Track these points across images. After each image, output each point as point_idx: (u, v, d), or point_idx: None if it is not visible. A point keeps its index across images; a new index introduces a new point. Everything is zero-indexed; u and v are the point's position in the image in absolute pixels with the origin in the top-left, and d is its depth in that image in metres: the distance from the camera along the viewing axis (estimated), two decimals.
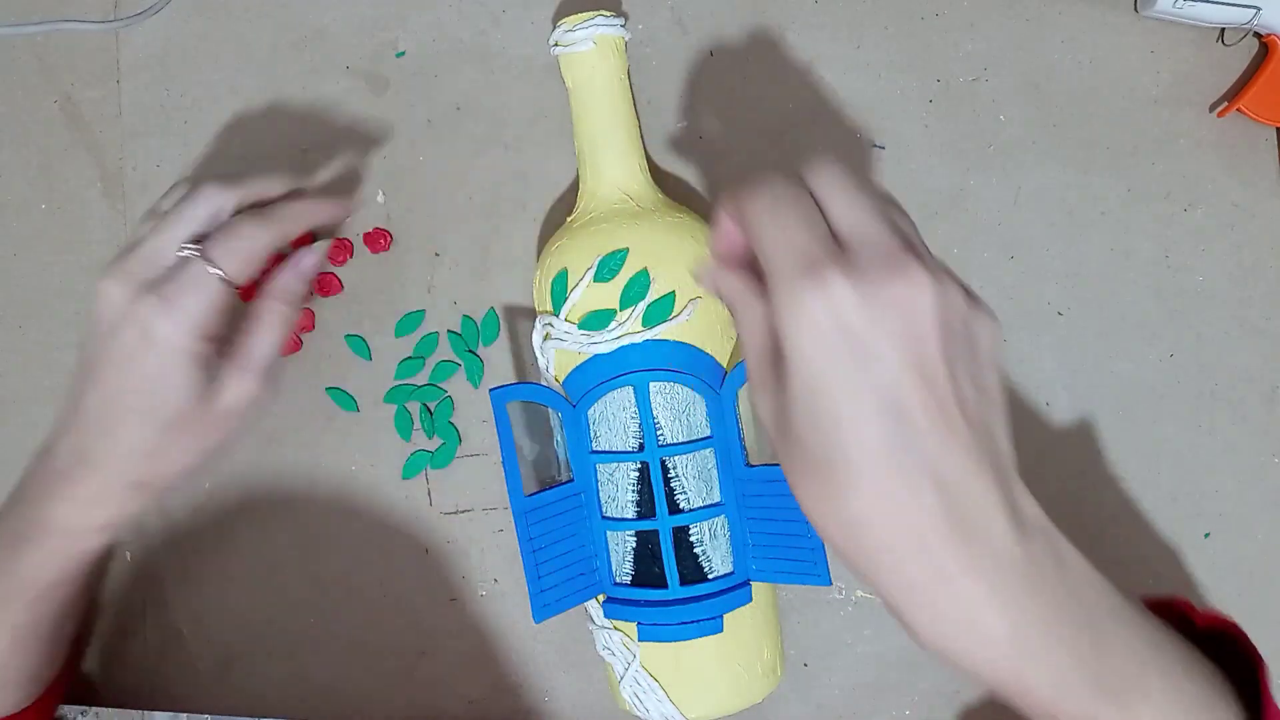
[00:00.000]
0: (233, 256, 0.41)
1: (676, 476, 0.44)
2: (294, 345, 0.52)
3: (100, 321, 0.41)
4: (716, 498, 0.45)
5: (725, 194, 0.33)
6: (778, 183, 0.32)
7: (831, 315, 0.28)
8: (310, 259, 0.45)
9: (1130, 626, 0.32)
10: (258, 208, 0.44)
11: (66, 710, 0.50)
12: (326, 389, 0.52)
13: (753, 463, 0.45)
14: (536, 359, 0.47)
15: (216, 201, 0.43)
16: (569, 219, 0.48)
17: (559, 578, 0.45)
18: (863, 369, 0.28)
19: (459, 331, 0.52)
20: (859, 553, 0.30)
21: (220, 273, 0.41)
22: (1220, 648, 0.36)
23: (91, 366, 0.41)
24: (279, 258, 0.46)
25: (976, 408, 0.30)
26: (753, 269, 0.33)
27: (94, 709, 0.53)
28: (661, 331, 0.44)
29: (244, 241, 0.42)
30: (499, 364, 0.52)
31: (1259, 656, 0.35)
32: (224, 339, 0.43)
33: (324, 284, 0.52)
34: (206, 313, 0.41)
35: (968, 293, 0.30)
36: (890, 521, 0.29)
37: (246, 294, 0.44)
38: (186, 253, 0.41)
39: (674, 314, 0.44)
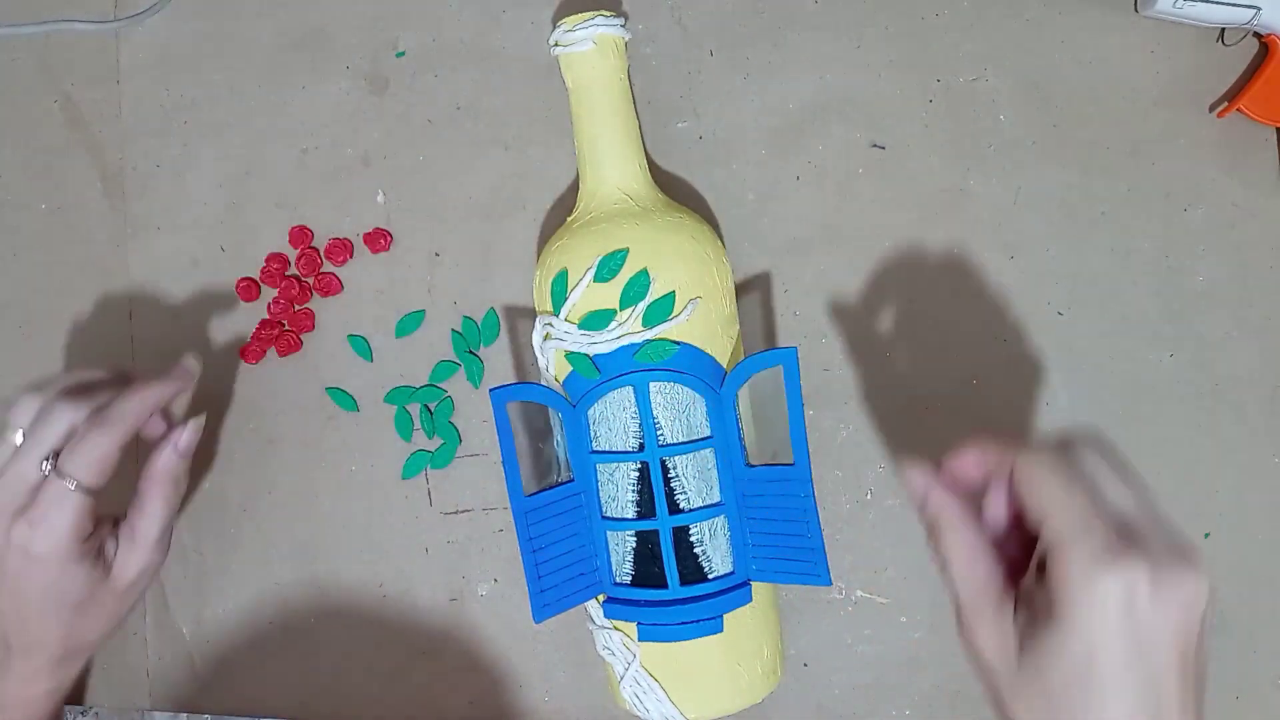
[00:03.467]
0: (87, 469, 0.43)
1: (676, 476, 0.44)
2: (294, 345, 0.52)
3: None
4: (716, 498, 0.45)
5: (992, 445, 0.37)
6: (1058, 457, 0.35)
7: (1124, 598, 0.31)
8: (188, 437, 0.47)
9: None
10: (101, 408, 0.44)
11: (67, 710, 0.50)
12: (327, 389, 0.52)
13: (752, 462, 0.45)
14: (536, 359, 0.47)
15: (68, 418, 0.44)
16: (569, 219, 0.48)
17: (559, 578, 0.45)
18: (1138, 654, 0.31)
19: (459, 331, 0.52)
20: None
21: (76, 486, 0.43)
22: None
23: None
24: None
25: (1200, 681, 0.32)
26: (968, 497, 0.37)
27: (94, 709, 0.53)
28: (661, 331, 0.44)
29: (94, 450, 0.43)
30: (499, 364, 0.52)
31: None
32: (106, 519, 0.46)
33: (324, 284, 0.52)
34: (75, 523, 0.43)
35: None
36: None
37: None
38: (45, 470, 0.43)
39: (674, 314, 0.44)
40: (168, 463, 0.46)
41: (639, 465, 0.44)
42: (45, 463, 0.43)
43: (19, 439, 0.44)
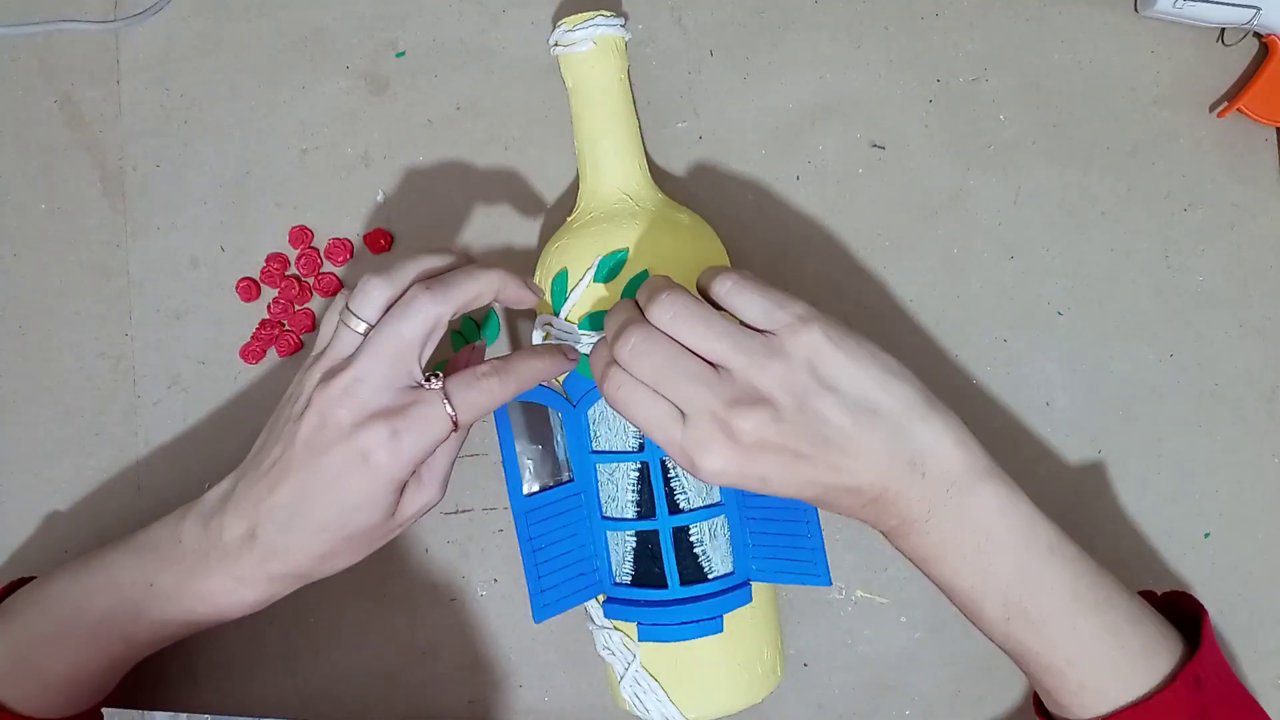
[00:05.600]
0: (471, 409, 0.40)
1: (676, 476, 0.44)
2: (294, 345, 0.52)
3: (316, 435, 0.40)
4: (716, 498, 0.45)
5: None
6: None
7: None
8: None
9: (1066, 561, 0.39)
10: (501, 360, 0.42)
11: None
12: None
13: None
14: None
15: (433, 317, 0.40)
16: (569, 219, 0.48)
17: (559, 578, 0.45)
18: None
19: (459, 331, 0.52)
20: None
21: (453, 417, 0.40)
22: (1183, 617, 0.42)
23: (291, 469, 0.40)
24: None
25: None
26: None
27: None
28: None
29: (486, 397, 0.40)
30: None
31: (1202, 607, 0.42)
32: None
33: (324, 284, 0.52)
34: (428, 450, 0.40)
35: None
36: None
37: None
38: (432, 385, 0.40)
39: None
40: (476, 402, 0.41)
41: (639, 465, 0.44)
42: (432, 379, 0.40)
43: (362, 329, 0.40)
